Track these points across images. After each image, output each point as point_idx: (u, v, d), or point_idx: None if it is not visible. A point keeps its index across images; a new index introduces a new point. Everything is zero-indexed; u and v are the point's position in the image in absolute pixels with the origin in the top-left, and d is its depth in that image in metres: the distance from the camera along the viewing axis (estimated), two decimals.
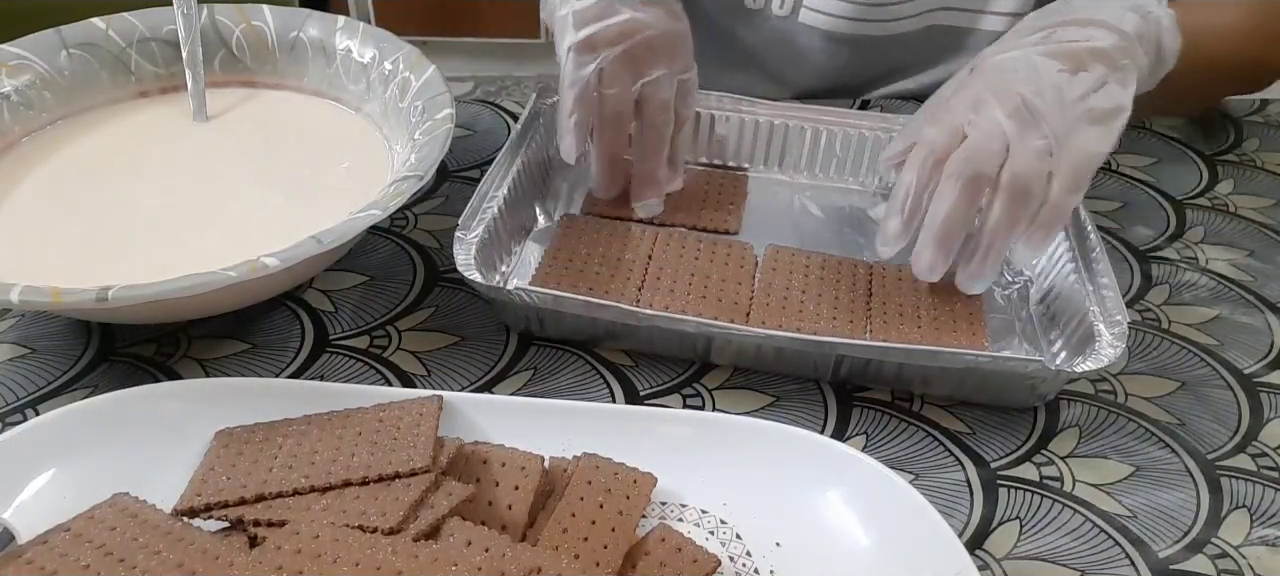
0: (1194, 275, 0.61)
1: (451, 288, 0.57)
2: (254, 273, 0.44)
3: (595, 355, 0.53)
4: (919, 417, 0.50)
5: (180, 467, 0.42)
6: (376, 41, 0.63)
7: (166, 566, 0.36)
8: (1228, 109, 0.76)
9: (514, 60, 2.29)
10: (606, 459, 0.42)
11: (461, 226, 0.53)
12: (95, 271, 0.48)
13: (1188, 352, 0.55)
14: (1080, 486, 0.47)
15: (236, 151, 0.61)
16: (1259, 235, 0.65)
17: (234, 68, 0.65)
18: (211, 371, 0.51)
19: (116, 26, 0.63)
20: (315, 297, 0.56)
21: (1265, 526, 0.45)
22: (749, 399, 0.51)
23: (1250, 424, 0.51)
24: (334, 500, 0.39)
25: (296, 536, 0.37)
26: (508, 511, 0.40)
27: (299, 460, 0.41)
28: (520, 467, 0.41)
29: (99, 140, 0.61)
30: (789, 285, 0.55)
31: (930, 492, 0.45)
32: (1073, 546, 0.44)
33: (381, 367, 0.51)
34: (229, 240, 0.53)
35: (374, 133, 0.62)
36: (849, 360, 0.50)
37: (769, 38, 0.80)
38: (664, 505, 0.43)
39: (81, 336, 0.53)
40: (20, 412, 0.48)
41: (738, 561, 0.41)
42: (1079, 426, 0.50)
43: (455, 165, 0.68)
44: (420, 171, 0.51)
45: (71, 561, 0.36)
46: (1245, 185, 0.70)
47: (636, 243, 0.58)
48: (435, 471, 0.40)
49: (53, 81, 0.60)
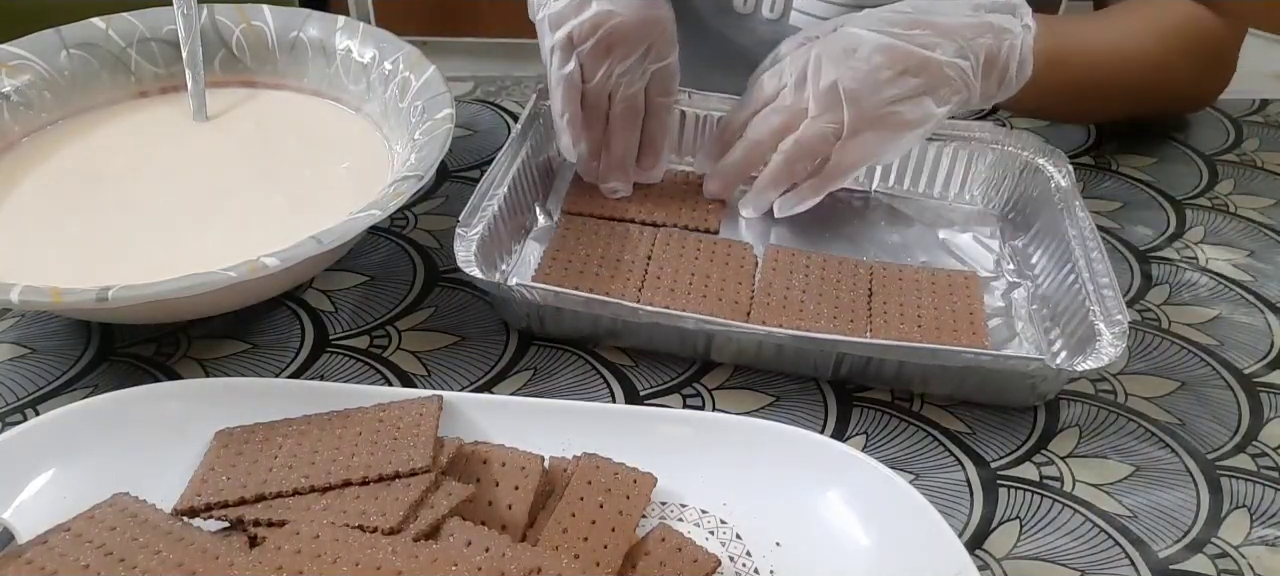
0: (1194, 275, 0.61)
1: (451, 287, 0.57)
2: (254, 272, 0.44)
3: (595, 355, 0.53)
4: (919, 417, 0.50)
5: (180, 467, 0.42)
6: (376, 41, 0.63)
7: (166, 566, 0.36)
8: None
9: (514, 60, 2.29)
10: (606, 459, 0.42)
11: (462, 224, 0.53)
12: (95, 271, 0.48)
13: (1188, 352, 0.55)
14: (1080, 486, 0.47)
15: (236, 151, 0.61)
16: (1259, 235, 0.65)
17: (234, 68, 0.65)
18: (211, 371, 0.51)
19: (116, 26, 0.63)
20: (315, 297, 0.56)
21: (1265, 526, 0.45)
22: (749, 398, 0.51)
23: (1250, 424, 0.51)
24: (334, 500, 0.39)
25: (296, 536, 0.37)
26: (508, 511, 0.40)
27: (299, 460, 0.41)
28: (520, 468, 0.41)
29: (99, 140, 0.61)
30: (789, 285, 0.55)
31: (930, 492, 0.45)
32: (1073, 546, 0.44)
33: (381, 367, 0.51)
34: (229, 240, 0.53)
35: (374, 133, 0.62)
36: (849, 359, 0.50)
37: (760, 40, 0.80)
38: (664, 505, 0.43)
39: (81, 336, 0.53)
40: (20, 412, 0.48)
41: (738, 561, 0.41)
42: (1079, 426, 0.50)
43: (455, 165, 0.68)
44: (420, 171, 0.51)
45: (71, 561, 0.36)
46: (1245, 185, 0.70)
47: (636, 242, 0.58)
48: (435, 471, 0.40)
49: (53, 81, 0.60)
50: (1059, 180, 0.59)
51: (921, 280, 0.56)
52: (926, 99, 0.55)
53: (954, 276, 0.56)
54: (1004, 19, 0.57)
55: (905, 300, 0.54)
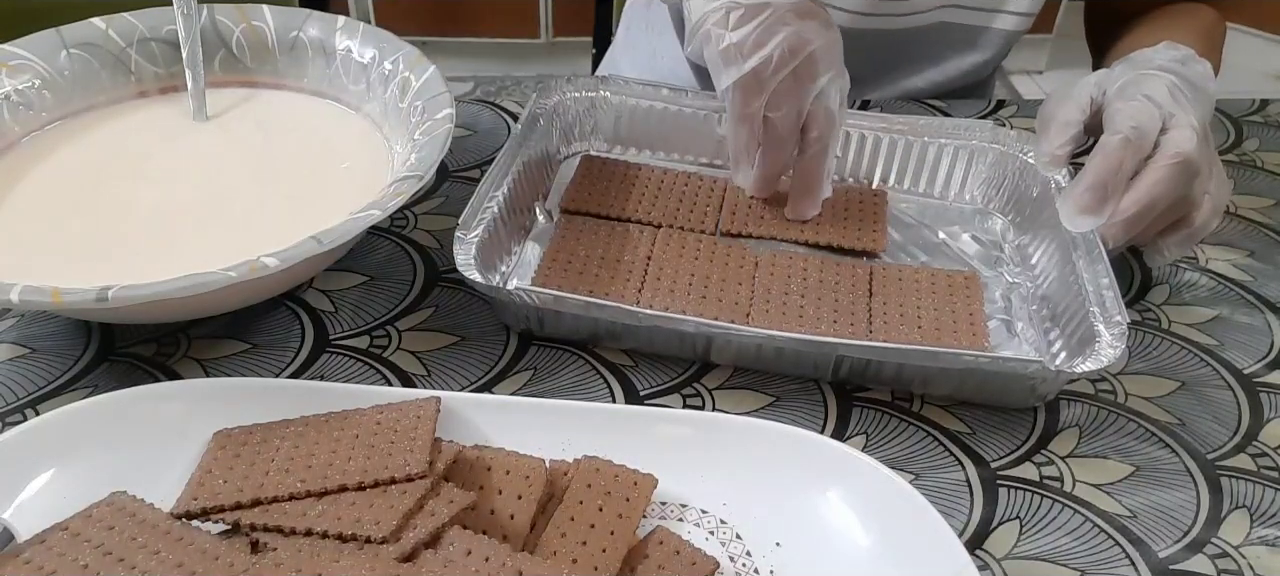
0: (1194, 275, 0.61)
1: (451, 288, 0.57)
2: (254, 272, 0.44)
3: (595, 355, 0.53)
4: (919, 417, 0.50)
5: (180, 467, 0.42)
6: (376, 41, 0.63)
7: (166, 566, 0.36)
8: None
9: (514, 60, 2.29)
10: (606, 461, 0.42)
11: (461, 226, 0.53)
12: (95, 271, 0.48)
13: (1188, 352, 0.55)
14: (1080, 486, 0.47)
15: (236, 151, 0.61)
16: (1259, 235, 0.65)
17: (234, 68, 0.65)
18: (211, 371, 0.51)
19: (116, 26, 0.63)
20: (315, 298, 0.56)
21: (1265, 526, 0.45)
22: (749, 399, 0.51)
23: (1250, 424, 0.51)
24: (329, 505, 0.39)
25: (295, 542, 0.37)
26: (510, 521, 0.40)
27: (295, 464, 0.41)
28: (524, 476, 0.41)
29: (99, 140, 0.61)
30: (789, 286, 0.55)
31: (930, 492, 0.45)
32: (1073, 546, 0.44)
33: (381, 367, 0.51)
34: (229, 240, 0.53)
35: (374, 133, 0.62)
36: (849, 360, 0.50)
37: None
38: (664, 505, 0.43)
39: (81, 336, 0.53)
40: (20, 412, 0.48)
41: (738, 561, 0.41)
42: (1079, 426, 0.50)
43: (455, 165, 0.68)
44: (420, 171, 0.51)
45: (70, 561, 0.36)
46: (1245, 185, 0.70)
47: (636, 242, 0.58)
48: (433, 476, 0.39)
49: (53, 81, 0.60)
50: (1059, 180, 0.59)
51: (922, 280, 0.56)
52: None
53: (955, 277, 0.56)
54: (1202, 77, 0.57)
55: (906, 301, 0.54)
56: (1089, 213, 0.53)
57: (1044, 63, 2.45)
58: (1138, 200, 0.52)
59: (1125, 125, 0.53)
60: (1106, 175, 0.52)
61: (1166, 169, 0.52)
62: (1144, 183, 0.52)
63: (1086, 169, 0.53)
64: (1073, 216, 0.53)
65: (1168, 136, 0.53)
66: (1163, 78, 0.55)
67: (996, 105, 0.78)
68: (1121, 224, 0.52)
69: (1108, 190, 0.52)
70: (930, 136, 0.64)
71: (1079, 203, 0.53)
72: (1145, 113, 0.53)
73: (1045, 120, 0.59)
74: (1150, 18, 0.72)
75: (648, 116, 0.67)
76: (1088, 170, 0.53)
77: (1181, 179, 0.52)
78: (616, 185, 0.63)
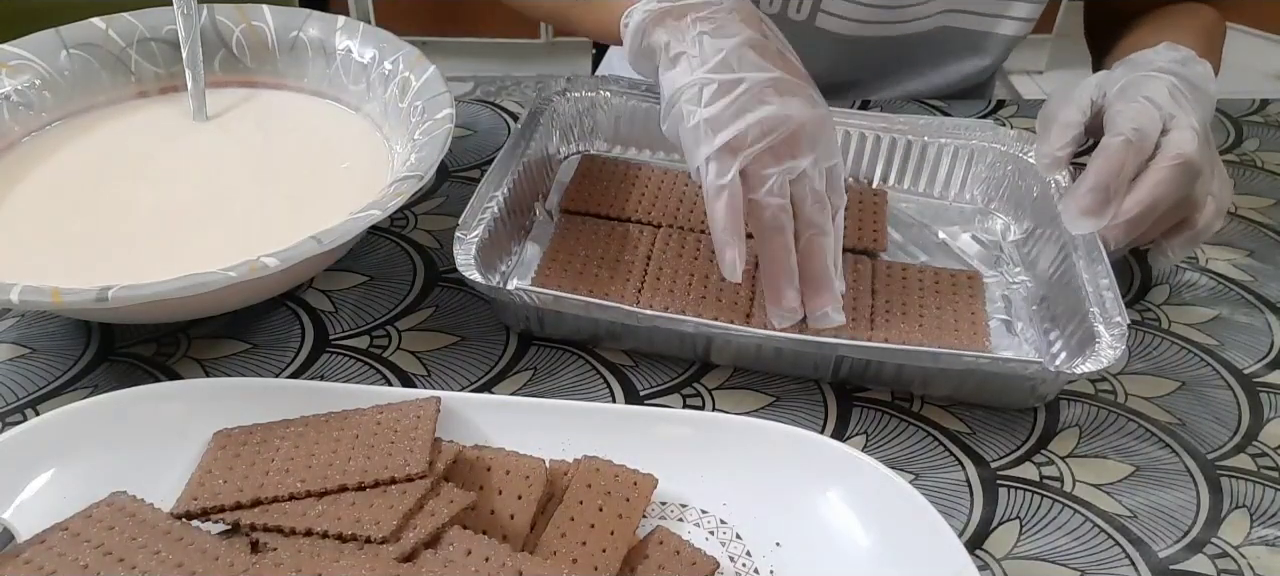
0: (1194, 275, 0.61)
1: (451, 288, 0.57)
2: (254, 273, 0.44)
3: (595, 355, 0.53)
4: (919, 418, 0.50)
5: (180, 468, 0.42)
6: (376, 41, 0.63)
7: (166, 566, 0.36)
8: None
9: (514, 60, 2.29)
10: (606, 461, 0.42)
11: (461, 226, 0.53)
12: (95, 271, 0.48)
13: (1188, 352, 0.55)
14: (1080, 486, 0.47)
15: (236, 151, 0.61)
16: (1259, 235, 0.65)
17: (234, 68, 0.65)
18: (211, 371, 0.51)
19: (116, 26, 0.63)
20: (315, 298, 0.56)
21: (1265, 526, 0.45)
22: (749, 399, 0.51)
23: (1250, 424, 0.51)
24: (329, 505, 0.39)
25: (295, 542, 0.37)
26: (510, 521, 0.40)
27: (295, 464, 0.41)
28: (524, 476, 0.41)
29: (99, 140, 0.61)
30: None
31: (930, 492, 0.45)
32: (1073, 546, 0.44)
33: (381, 367, 0.51)
34: (229, 240, 0.53)
35: (374, 133, 0.62)
36: (849, 360, 0.50)
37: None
38: (664, 505, 0.43)
39: (81, 336, 0.53)
40: (20, 412, 0.48)
41: (738, 561, 0.41)
42: (1079, 426, 0.50)
43: (455, 165, 0.68)
44: (420, 171, 0.51)
45: (70, 561, 0.36)
46: (1245, 185, 0.70)
47: (636, 242, 0.58)
48: (433, 477, 0.40)
49: (53, 81, 0.60)
50: (1059, 181, 0.59)
51: (925, 279, 0.56)
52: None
53: (957, 276, 0.56)
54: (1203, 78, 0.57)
55: (908, 300, 0.54)
56: (1091, 215, 0.52)
57: (1044, 63, 2.46)
58: (1139, 202, 0.52)
59: (1126, 127, 0.53)
60: (1108, 177, 0.52)
61: (1167, 170, 0.52)
62: (1145, 184, 0.52)
63: (1088, 171, 0.53)
64: (1075, 219, 0.53)
65: (1168, 138, 0.53)
66: (1163, 79, 0.55)
67: (996, 105, 0.78)
68: (1123, 225, 0.52)
69: (1109, 192, 0.52)
70: (930, 136, 0.64)
71: (1081, 205, 0.53)
72: (1146, 114, 0.53)
73: (1046, 121, 0.59)
74: (1150, 18, 0.72)
75: (648, 116, 0.67)
76: (1089, 172, 0.53)
77: (1183, 180, 0.52)
78: (616, 185, 0.63)
